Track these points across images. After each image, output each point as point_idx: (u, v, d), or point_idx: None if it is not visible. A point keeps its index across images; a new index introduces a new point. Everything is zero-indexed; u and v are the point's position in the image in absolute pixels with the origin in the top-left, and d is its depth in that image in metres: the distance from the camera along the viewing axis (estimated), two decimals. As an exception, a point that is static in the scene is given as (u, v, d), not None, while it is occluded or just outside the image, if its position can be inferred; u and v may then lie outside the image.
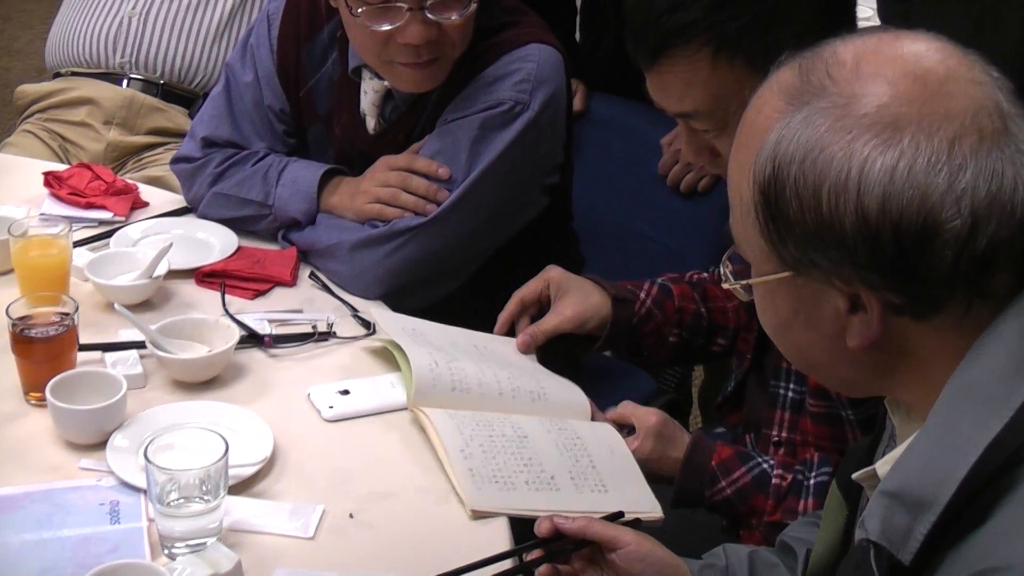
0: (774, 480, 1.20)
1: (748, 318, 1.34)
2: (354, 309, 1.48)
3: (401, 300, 1.51)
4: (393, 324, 1.37)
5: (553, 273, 1.42)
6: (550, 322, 1.39)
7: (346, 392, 1.31)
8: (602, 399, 1.37)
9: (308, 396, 1.31)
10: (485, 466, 1.17)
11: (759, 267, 0.79)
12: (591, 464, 1.21)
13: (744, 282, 0.81)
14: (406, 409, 1.29)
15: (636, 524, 1.12)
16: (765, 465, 1.22)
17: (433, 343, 1.34)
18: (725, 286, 0.84)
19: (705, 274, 1.48)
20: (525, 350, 1.38)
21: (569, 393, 1.33)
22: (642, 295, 1.42)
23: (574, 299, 1.39)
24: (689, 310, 1.43)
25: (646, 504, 1.18)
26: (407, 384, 1.28)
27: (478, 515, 1.13)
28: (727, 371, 1.44)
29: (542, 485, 1.17)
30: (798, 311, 0.78)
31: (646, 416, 1.28)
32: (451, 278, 1.58)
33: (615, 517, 1.12)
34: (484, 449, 1.19)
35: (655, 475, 1.24)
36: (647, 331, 1.41)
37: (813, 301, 0.76)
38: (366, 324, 1.44)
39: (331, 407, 1.29)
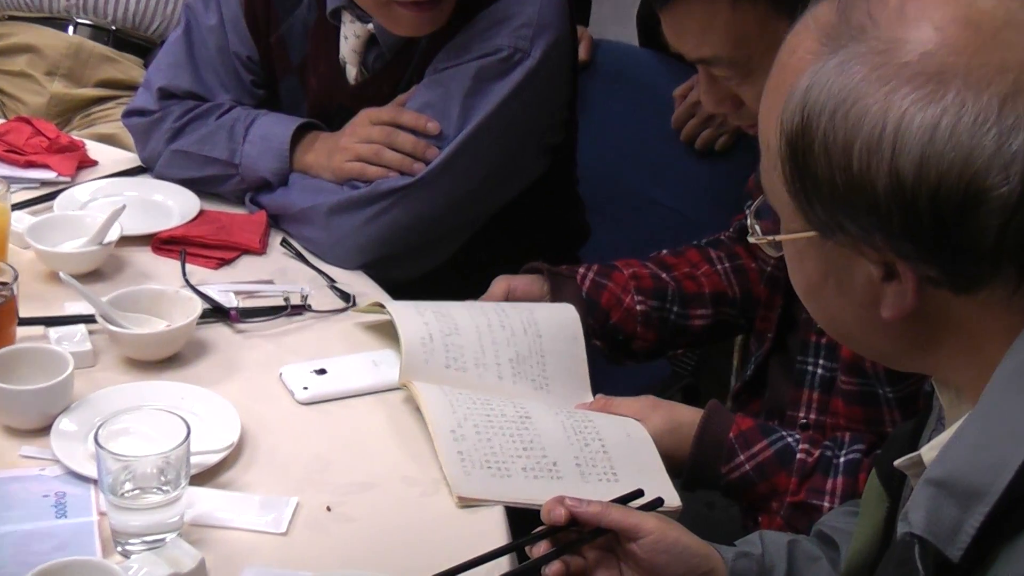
0: (799, 455, 1.20)
1: (769, 294, 1.35)
2: (331, 280, 1.48)
3: (384, 271, 1.51)
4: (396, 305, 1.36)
5: (503, 276, 1.45)
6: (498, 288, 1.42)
7: (322, 372, 1.31)
8: (613, 382, 1.38)
9: (280, 376, 1.31)
10: (477, 450, 1.17)
11: (787, 223, 0.79)
12: (602, 449, 1.21)
13: (772, 238, 0.81)
14: (390, 390, 1.29)
15: (656, 506, 1.11)
16: (790, 439, 1.22)
17: (437, 310, 1.34)
18: (752, 240, 0.84)
19: (665, 251, 1.50)
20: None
21: (574, 392, 1.33)
22: (581, 269, 1.45)
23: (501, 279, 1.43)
24: (643, 274, 1.45)
25: (663, 493, 1.17)
26: (401, 359, 1.28)
27: (466, 503, 1.13)
28: (745, 355, 1.47)
29: (541, 472, 1.17)
30: (828, 275, 0.77)
31: (632, 400, 1.28)
32: (440, 247, 1.58)
33: (632, 497, 1.11)
34: (479, 430, 1.20)
35: (671, 457, 1.23)
36: (605, 302, 1.42)
37: (844, 266, 0.76)
38: (345, 296, 1.45)
39: (305, 388, 1.28)
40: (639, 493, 1.11)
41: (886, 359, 0.82)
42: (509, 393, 1.29)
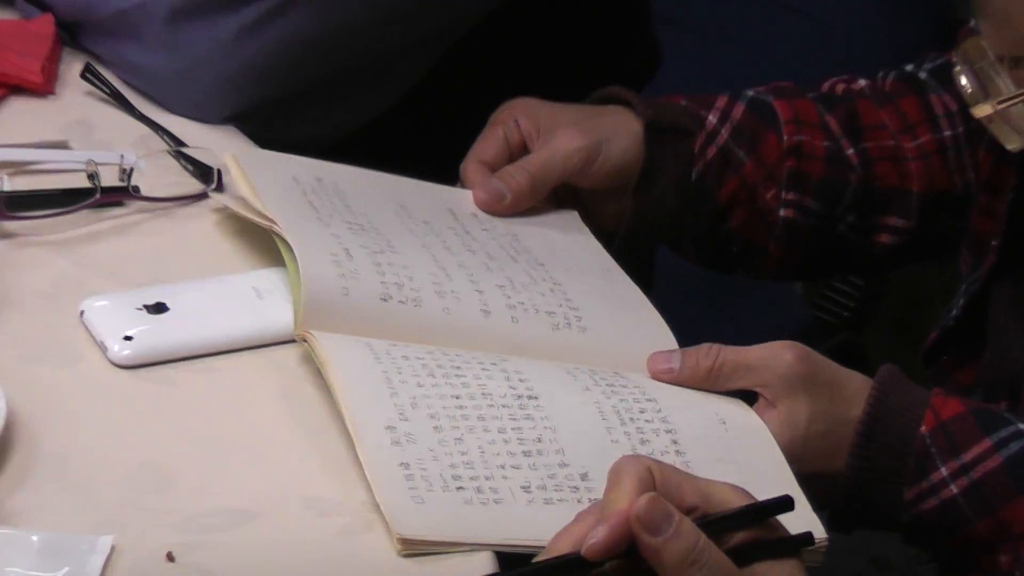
0: None
1: (993, 165, 1.40)
2: (178, 142, 1.51)
3: (278, 126, 1.56)
4: (264, 166, 1.41)
5: (520, 103, 1.52)
6: (538, 158, 1.47)
7: (160, 308, 1.32)
8: (702, 325, 1.37)
9: (81, 316, 1.32)
10: (437, 457, 1.18)
11: None
12: (673, 446, 1.24)
13: None
14: (284, 343, 1.31)
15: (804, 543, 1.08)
16: None
17: (353, 220, 1.37)
18: (977, 114, 0.91)
19: (862, 82, 1.55)
20: (494, 208, 1.47)
21: (635, 323, 1.38)
22: (711, 119, 1.50)
23: (574, 124, 1.49)
24: (816, 150, 1.50)
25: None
26: (294, 290, 1.30)
27: (414, 549, 1.14)
28: (948, 281, 1.51)
29: (558, 492, 1.19)
30: None
31: (768, 354, 1.29)
32: (383, 84, 1.64)
33: (778, 508, 1.07)
34: (438, 422, 1.21)
35: (811, 474, 1.25)
36: (726, 197, 1.50)
37: None
38: (203, 171, 1.46)
39: (129, 338, 1.29)
40: (786, 504, 1.07)
41: None
42: (501, 344, 1.31)
